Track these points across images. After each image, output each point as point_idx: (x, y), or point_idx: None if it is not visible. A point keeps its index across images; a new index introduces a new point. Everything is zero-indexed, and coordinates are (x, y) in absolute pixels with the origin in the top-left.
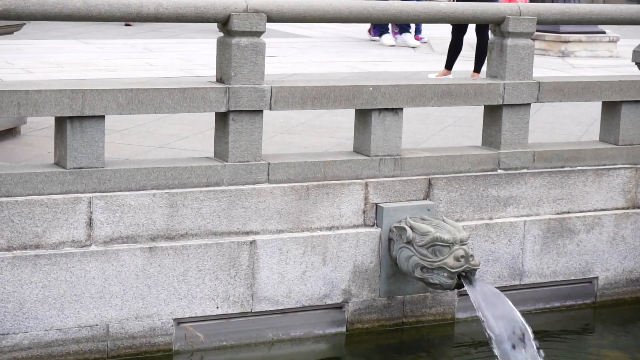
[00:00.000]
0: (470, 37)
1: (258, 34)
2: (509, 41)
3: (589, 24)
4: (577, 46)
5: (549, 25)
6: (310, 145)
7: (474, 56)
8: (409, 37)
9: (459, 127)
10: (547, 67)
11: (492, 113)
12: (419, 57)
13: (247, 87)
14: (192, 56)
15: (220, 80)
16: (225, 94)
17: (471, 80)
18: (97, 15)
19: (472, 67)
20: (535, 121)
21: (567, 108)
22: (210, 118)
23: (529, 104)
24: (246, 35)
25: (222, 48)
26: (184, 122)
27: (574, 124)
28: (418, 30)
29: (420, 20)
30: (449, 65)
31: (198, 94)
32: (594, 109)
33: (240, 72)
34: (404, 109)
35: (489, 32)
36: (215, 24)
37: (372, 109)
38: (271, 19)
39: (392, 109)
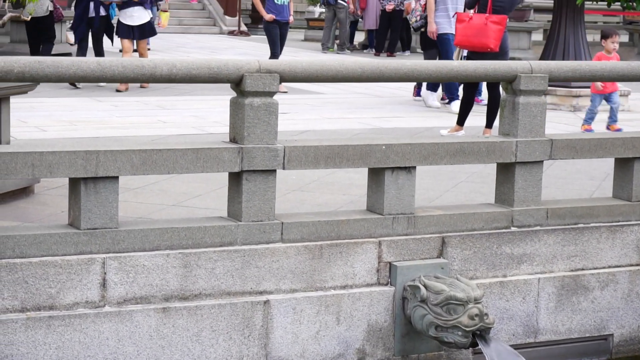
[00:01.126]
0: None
1: (271, 94)
2: (521, 99)
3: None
4: (588, 100)
5: (560, 82)
6: (323, 202)
7: (485, 111)
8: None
9: (471, 183)
10: (558, 121)
11: (505, 170)
12: (431, 113)
13: (260, 147)
14: (204, 113)
15: (233, 140)
16: (239, 154)
17: (484, 138)
18: (110, 77)
19: (483, 122)
20: (548, 176)
21: (580, 162)
22: (223, 175)
23: (541, 162)
24: (259, 95)
25: (235, 108)
26: (197, 179)
27: (587, 178)
28: (479, 93)
29: (432, 79)
30: (461, 121)
31: (211, 154)
32: (607, 163)
33: (253, 132)
34: (416, 167)
35: (501, 88)
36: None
37: (385, 168)
38: (284, 79)
39: (405, 168)
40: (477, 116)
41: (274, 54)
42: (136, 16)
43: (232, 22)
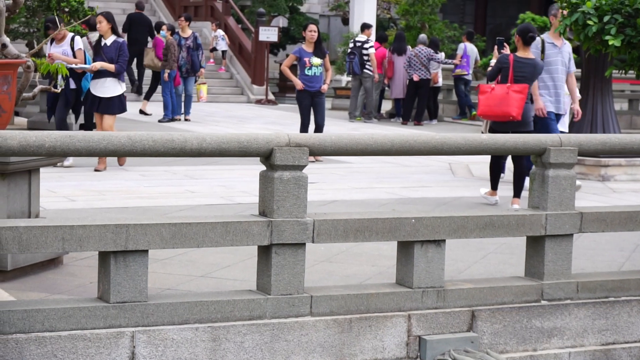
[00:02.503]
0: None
1: (300, 167)
2: (551, 172)
3: (630, 153)
4: (617, 170)
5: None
6: (351, 274)
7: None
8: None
9: (500, 254)
10: (587, 191)
11: (535, 243)
12: (458, 183)
13: (289, 221)
14: (232, 183)
15: (262, 213)
16: (268, 227)
17: (513, 211)
18: (141, 151)
19: (512, 192)
20: (577, 247)
21: (609, 233)
22: (251, 247)
23: (571, 235)
24: (288, 169)
25: (265, 182)
26: (225, 250)
27: (617, 250)
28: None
29: (462, 152)
30: (494, 185)
31: (241, 227)
32: (636, 234)
33: (282, 206)
34: (446, 240)
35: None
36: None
37: (414, 241)
38: (313, 152)
39: (434, 241)
40: (506, 184)
41: (304, 124)
42: (106, 87)
43: (259, 91)
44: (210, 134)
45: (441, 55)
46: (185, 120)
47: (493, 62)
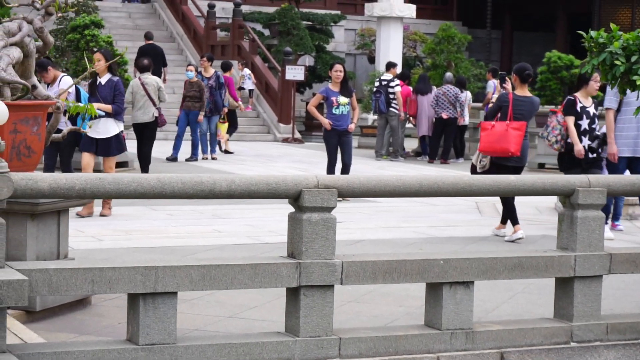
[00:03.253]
0: None
1: (329, 209)
2: (579, 213)
3: None
4: None
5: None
6: (379, 314)
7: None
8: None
9: (528, 294)
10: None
11: (564, 285)
12: (485, 222)
13: (318, 263)
14: (260, 222)
15: (291, 255)
16: (297, 269)
17: (542, 252)
18: (170, 193)
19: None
20: (605, 287)
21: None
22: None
23: (600, 276)
24: (317, 210)
25: (293, 223)
26: (252, 290)
27: None
28: (616, 218)
29: (490, 194)
30: (514, 220)
31: (269, 269)
32: None
33: (311, 247)
34: (475, 281)
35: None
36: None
37: (443, 283)
38: (342, 194)
39: (463, 282)
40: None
41: (331, 163)
42: (102, 128)
43: (286, 130)
44: (239, 176)
45: (467, 94)
46: (212, 158)
47: (495, 96)
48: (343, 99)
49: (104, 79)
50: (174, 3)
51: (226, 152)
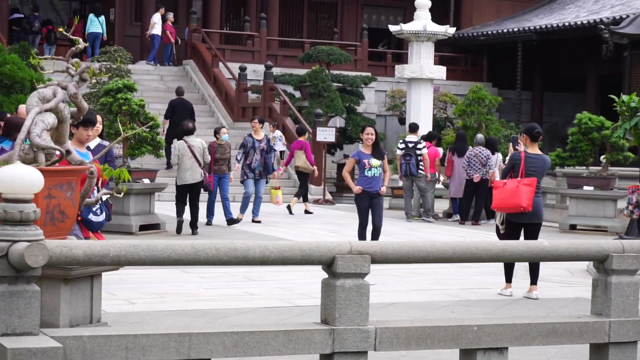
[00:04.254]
0: None
1: (362, 275)
2: (614, 278)
3: None
4: None
5: None
6: None
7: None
8: None
9: (562, 359)
10: None
11: (599, 351)
12: (516, 284)
13: (351, 329)
14: (291, 285)
15: (324, 321)
16: (330, 335)
17: (576, 318)
18: (204, 260)
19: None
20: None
21: None
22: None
23: (635, 342)
24: (350, 277)
25: (327, 289)
26: (285, 357)
27: None
28: None
29: (523, 259)
30: (508, 278)
31: (303, 336)
32: None
33: (344, 314)
34: (509, 347)
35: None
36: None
37: (477, 349)
38: (375, 260)
39: (497, 349)
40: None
41: (362, 225)
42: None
43: (317, 191)
44: (273, 242)
45: (498, 156)
46: (254, 221)
47: (507, 159)
48: (375, 162)
49: (92, 144)
50: (205, 66)
51: (306, 212)
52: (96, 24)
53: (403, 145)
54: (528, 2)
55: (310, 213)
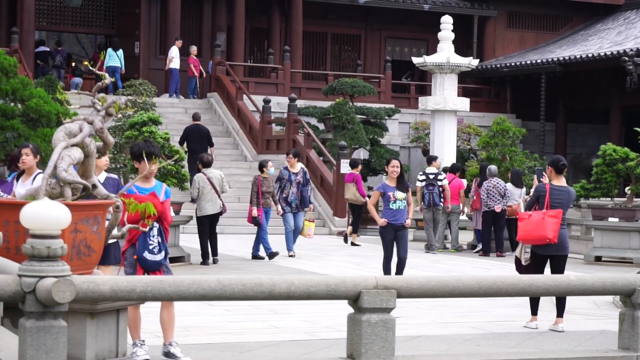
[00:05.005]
0: None
1: (388, 310)
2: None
3: None
4: None
5: None
6: None
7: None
8: None
9: None
10: None
11: None
12: (542, 316)
13: None
14: (316, 318)
15: (350, 356)
16: None
17: (603, 352)
18: (230, 295)
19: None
20: None
21: None
22: None
23: None
24: (376, 312)
25: (353, 324)
26: None
27: None
28: None
29: (550, 294)
30: (534, 310)
31: None
32: None
33: (370, 349)
34: None
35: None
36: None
37: None
38: (401, 295)
39: None
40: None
41: (387, 258)
42: None
43: (341, 223)
44: (299, 278)
45: (522, 188)
46: (290, 256)
47: (532, 191)
48: (400, 194)
49: (101, 177)
50: (229, 98)
51: (353, 244)
52: (115, 58)
53: (424, 177)
54: (551, 33)
55: (358, 245)
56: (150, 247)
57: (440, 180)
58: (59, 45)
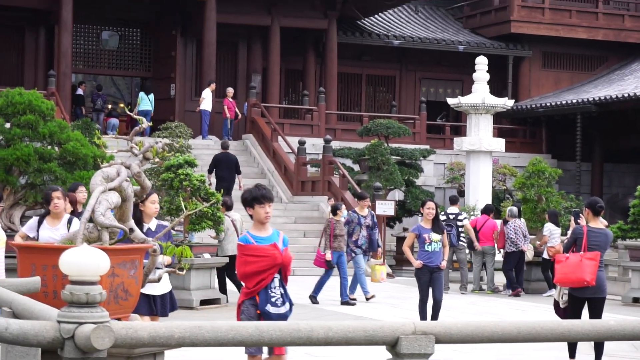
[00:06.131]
0: None
1: (426, 356)
2: None
3: None
4: None
5: None
6: None
7: None
8: None
9: None
10: None
11: None
12: (583, 357)
13: None
14: None
15: None
16: None
17: None
18: (268, 341)
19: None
20: None
21: None
22: None
23: None
24: (415, 357)
25: None
26: None
27: None
28: None
29: (589, 339)
30: (572, 353)
31: None
32: None
33: None
34: None
35: None
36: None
37: None
38: (439, 340)
39: None
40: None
41: (423, 300)
42: (158, 285)
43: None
44: (337, 323)
45: (558, 229)
46: (368, 299)
47: (569, 233)
48: (435, 236)
49: (152, 224)
50: (264, 140)
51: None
52: (146, 102)
53: (444, 217)
54: (586, 73)
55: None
56: (273, 299)
57: (460, 220)
58: (100, 90)
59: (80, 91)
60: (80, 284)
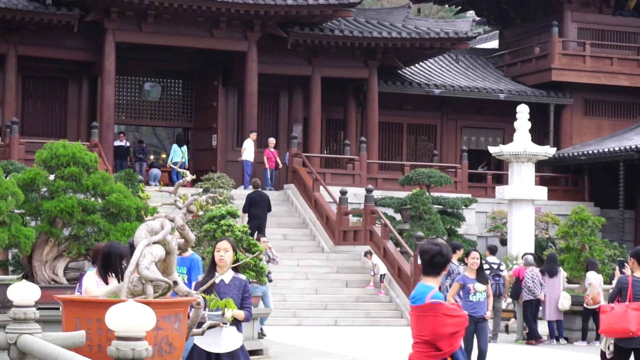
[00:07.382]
0: None
1: None
2: None
3: None
4: None
5: None
6: None
7: None
8: None
9: None
10: None
11: None
12: None
13: None
14: None
15: None
16: None
17: None
18: None
19: None
20: None
21: None
22: None
23: None
24: None
25: None
26: None
27: None
28: None
29: None
30: None
31: None
32: None
33: None
34: None
35: None
36: None
37: None
38: None
39: None
40: None
41: (467, 351)
42: (225, 340)
43: None
44: None
45: (600, 277)
46: None
47: (614, 282)
48: (480, 286)
49: (227, 277)
50: (306, 189)
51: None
52: (179, 154)
53: (488, 267)
54: (628, 120)
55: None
56: None
57: (501, 270)
58: (141, 142)
59: (118, 142)
60: (126, 340)
